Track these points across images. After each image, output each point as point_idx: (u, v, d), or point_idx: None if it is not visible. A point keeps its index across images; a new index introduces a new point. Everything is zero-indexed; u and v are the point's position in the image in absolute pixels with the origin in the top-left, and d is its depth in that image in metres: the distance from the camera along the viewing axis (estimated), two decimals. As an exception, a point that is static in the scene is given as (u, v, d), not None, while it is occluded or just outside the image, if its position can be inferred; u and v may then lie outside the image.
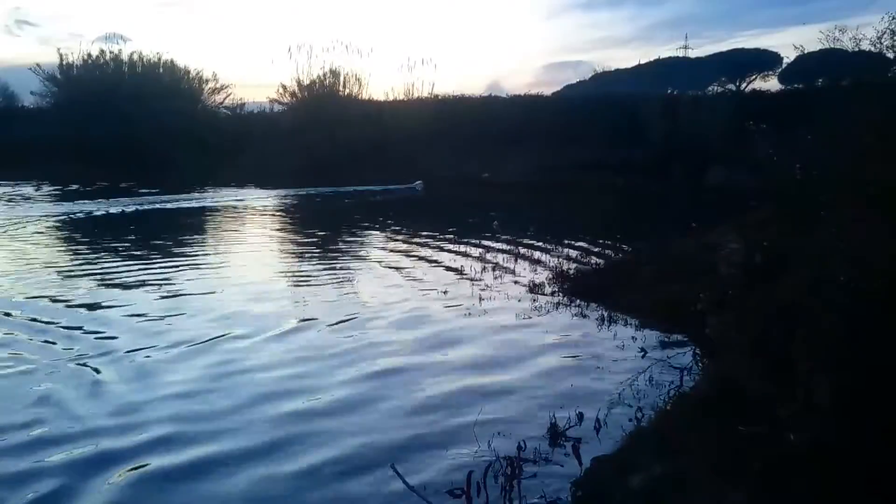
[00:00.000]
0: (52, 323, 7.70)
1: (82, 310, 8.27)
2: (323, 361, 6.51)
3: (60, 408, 5.40)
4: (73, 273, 10.45)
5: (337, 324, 7.73)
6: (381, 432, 5.01)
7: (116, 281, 9.87)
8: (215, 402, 5.55)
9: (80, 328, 7.48)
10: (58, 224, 16.28)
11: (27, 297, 8.84)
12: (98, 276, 10.17)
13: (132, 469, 4.46)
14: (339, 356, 6.66)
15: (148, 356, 6.57)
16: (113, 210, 19.04)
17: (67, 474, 4.37)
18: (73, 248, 13.10)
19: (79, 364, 6.35)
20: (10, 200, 21.09)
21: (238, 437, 4.92)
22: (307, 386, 5.89)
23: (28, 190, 24.52)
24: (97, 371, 6.17)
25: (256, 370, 6.26)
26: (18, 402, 5.48)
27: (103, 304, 8.53)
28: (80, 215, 17.90)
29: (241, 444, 4.80)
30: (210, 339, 7.09)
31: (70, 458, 4.59)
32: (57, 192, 23.74)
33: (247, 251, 12.96)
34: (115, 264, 11.16)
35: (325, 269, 11.04)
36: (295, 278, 10.43)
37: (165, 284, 9.69)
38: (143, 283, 9.70)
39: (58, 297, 8.86)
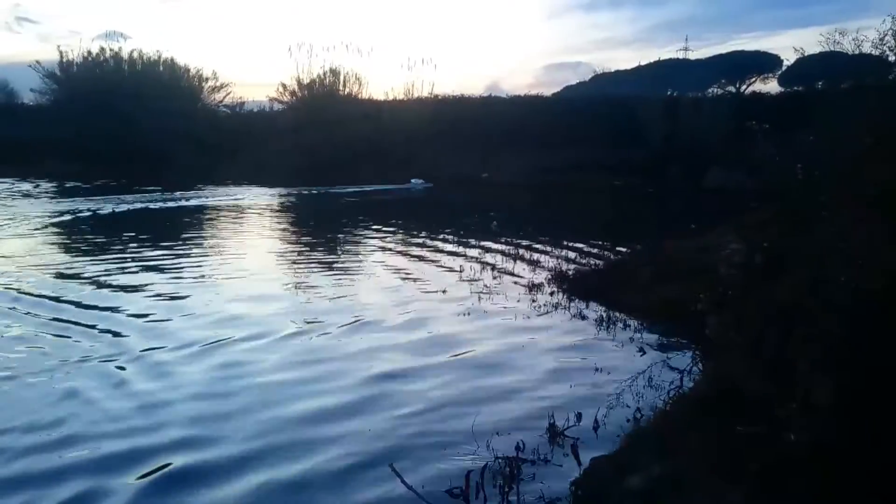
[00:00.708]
0: (84, 313, 7.82)
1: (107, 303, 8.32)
2: (323, 363, 6.48)
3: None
4: (85, 270, 10.48)
5: (336, 326, 7.69)
6: (380, 432, 4.99)
7: (142, 270, 9.91)
8: (224, 404, 5.53)
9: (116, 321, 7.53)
10: (64, 222, 16.28)
11: (48, 292, 8.92)
12: (111, 273, 10.19)
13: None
14: (338, 358, 6.64)
15: (159, 356, 6.60)
16: (119, 208, 19.10)
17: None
18: (86, 244, 13.14)
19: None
20: (9, 197, 21.07)
21: (241, 440, 4.91)
22: (308, 388, 5.86)
23: (27, 187, 24.48)
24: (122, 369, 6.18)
25: (261, 373, 6.25)
26: (48, 401, 5.48)
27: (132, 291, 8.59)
28: (86, 213, 17.97)
29: (244, 446, 4.79)
30: (218, 341, 7.10)
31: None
32: (55, 190, 23.70)
33: (250, 250, 12.95)
34: (128, 260, 11.20)
35: (326, 270, 11.02)
36: (296, 279, 10.40)
37: (179, 283, 9.73)
38: (158, 276, 9.74)
39: (81, 292, 8.93)
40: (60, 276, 10.02)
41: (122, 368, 6.17)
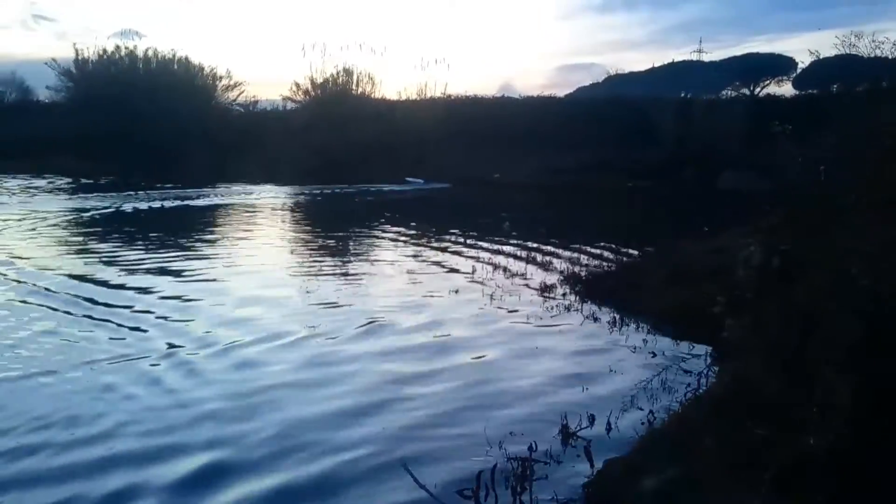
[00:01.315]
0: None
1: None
2: (336, 364, 6.47)
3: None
4: (114, 264, 10.59)
5: (348, 328, 7.68)
6: (393, 432, 4.99)
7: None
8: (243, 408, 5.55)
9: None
10: (85, 219, 16.46)
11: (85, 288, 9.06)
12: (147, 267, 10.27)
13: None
14: (351, 358, 6.62)
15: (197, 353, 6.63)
16: (140, 206, 19.30)
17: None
18: (120, 241, 13.25)
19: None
20: (24, 194, 21.25)
21: (248, 436, 4.92)
22: (321, 391, 5.86)
23: (42, 183, 24.66)
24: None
25: (270, 373, 6.26)
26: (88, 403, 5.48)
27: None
28: (107, 210, 18.19)
29: (249, 443, 4.81)
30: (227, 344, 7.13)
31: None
32: (72, 187, 23.88)
33: (268, 248, 13.07)
34: (164, 254, 11.32)
35: (337, 270, 11.05)
36: (307, 279, 10.42)
37: (205, 280, 9.84)
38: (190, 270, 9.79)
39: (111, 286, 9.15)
40: (105, 263, 10.38)
41: (202, 361, 6.31)
